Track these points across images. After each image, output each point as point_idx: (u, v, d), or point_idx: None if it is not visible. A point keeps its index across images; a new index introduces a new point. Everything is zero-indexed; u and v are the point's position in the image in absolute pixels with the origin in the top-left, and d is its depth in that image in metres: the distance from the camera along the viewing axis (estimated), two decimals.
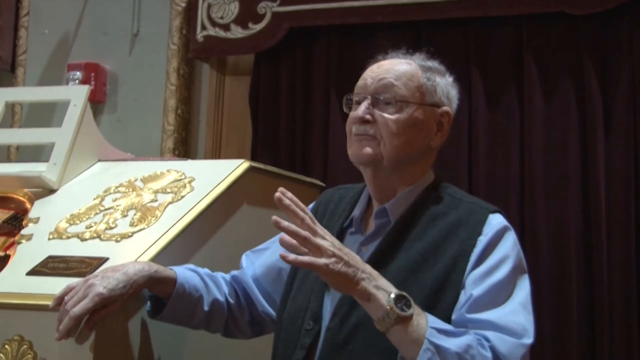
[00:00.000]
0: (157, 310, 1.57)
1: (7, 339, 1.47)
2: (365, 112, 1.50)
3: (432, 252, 1.44)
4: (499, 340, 1.34)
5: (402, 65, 1.55)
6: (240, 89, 3.35)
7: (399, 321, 1.29)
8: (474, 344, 1.31)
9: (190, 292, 1.57)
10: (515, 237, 1.48)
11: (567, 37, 2.83)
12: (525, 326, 1.38)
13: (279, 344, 1.55)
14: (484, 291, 1.39)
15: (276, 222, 1.30)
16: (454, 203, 1.51)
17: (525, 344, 1.37)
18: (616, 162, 2.71)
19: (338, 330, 1.43)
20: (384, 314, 1.29)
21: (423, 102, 1.51)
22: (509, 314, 1.38)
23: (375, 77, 1.53)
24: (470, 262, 1.42)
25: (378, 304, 1.30)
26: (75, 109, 2.09)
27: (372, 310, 1.32)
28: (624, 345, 2.61)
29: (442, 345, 1.29)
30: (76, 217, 1.80)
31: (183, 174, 1.94)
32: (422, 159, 1.55)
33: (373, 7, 3.00)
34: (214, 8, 3.27)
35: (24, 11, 3.66)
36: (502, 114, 2.89)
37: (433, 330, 1.30)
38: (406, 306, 1.30)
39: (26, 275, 1.59)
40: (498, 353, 1.33)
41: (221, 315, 1.64)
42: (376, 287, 1.32)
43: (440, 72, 1.57)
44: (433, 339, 1.29)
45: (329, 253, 1.30)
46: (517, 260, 1.46)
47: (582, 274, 2.70)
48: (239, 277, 1.70)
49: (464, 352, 1.30)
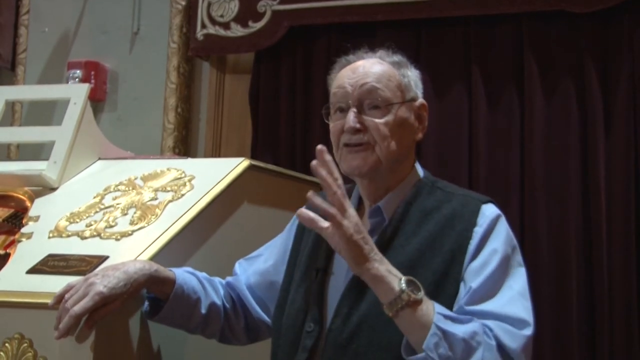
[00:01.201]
0: (154, 312, 1.56)
1: (7, 337, 1.47)
2: (354, 122, 1.48)
3: (429, 247, 1.44)
4: (501, 329, 1.35)
5: (376, 65, 1.54)
6: (241, 87, 3.35)
7: (409, 304, 1.30)
8: (479, 330, 1.33)
9: (188, 294, 1.57)
10: (507, 225, 1.49)
11: (567, 35, 2.82)
12: (524, 315, 1.39)
13: (278, 349, 1.54)
14: (481, 282, 1.39)
15: (310, 197, 1.31)
16: (446, 196, 1.52)
17: (526, 335, 1.38)
18: (616, 160, 2.71)
19: (340, 331, 1.43)
20: (396, 296, 1.30)
21: (404, 100, 1.52)
22: (507, 303, 1.39)
23: (355, 84, 1.51)
24: (468, 254, 1.43)
25: (389, 286, 1.31)
26: (76, 108, 2.08)
27: (382, 292, 1.32)
28: (624, 345, 2.61)
29: (449, 331, 1.30)
30: (76, 216, 1.80)
31: (183, 173, 1.94)
32: (410, 154, 1.56)
33: (373, 5, 3.00)
34: (214, 6, 3.27)
35: (24, 9, 3.66)
36: (503, 112, 2.88)
37: (440, 315, 1.31)
38: (416, 290, 1.32)
39: (26, 273, 1.59)
40: (501, 342, 1.34)
41: (218, 319, 1.64)
42: (388, 270, 1.33)
43: (407, 65, 1.58)
44: (440, 324, 1.30)
45: (352, 220, 1.31)
46: (511, 249, 1.46)
47: (582, 273, 2.70)
48: (233, 284, 1.70)
49: (469, 338, 1.31)
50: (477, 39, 2.93)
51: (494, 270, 1.41)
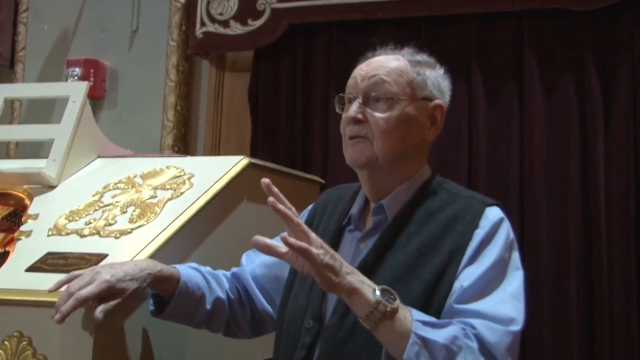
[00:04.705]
0: (159, 309, 1.57)
1: (6, 335, 1.46)
2: (357, 112, 1.49)
3: (430, 247, 1.43)
4: (486, 328, 1.33)
5: (391, 61, 1.53)
6: (240, 85, 3.35)
7: (387, 316, 1.28)
8: (459, 334, 1.31)
9: (193, 290, 1.57)
10: (509, 229, 1.47)
11: (567, 33, 2.82)
12: (513, 314, 1.37)
13: (280, 344, 1.55)
14: (473, 282, 1.38)
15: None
16: (451, 198, 1.51)
17: (512, 330, 1.35)
18: (616, 158, 2.71)
19: (337, 329, 1.42)
20: (372, 308, 1.28)
21: (414, 97, 1.50)
22: (497, 304, 1.37)
23: (365, 75, 1.51)
24: (466, 255, 1.41)
25: (364, 297, 1.29)
26: (75, 105, 2.08)
27: (358, 306, 1.30)
28: (624, 344, 2.60)
29: (428, 338, 1.28)
30: (75, 214, 1.80)
31: (182, 171, 1.94)
32: (417, 154, 1.54)
33: (373, 3, 3.00)
34: (213, 4, 3.27)
35: (23, 7, 3.66)
36: (503, 110, 2.88)
37: (418, 323, 1.30)
38: (391, 299, 1.30)
39: (25, 271, 1.59)
40: (485, 342, 1.32)
41: (223, 313, 1.64)
42: (361, 282, 1.31)
43: (430, 65, 1.56)
44: (419, 331, 1.28)
45: (317, 244, 1.30)
46: (510, 253, 1.45)
47: (581, 271, 2.70)
48: (239, 274, 1.70)
49: (450, 343, 1.29)
50: (477, 36, 2.93)
51: (487, 271, 1.39)
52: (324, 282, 1.31)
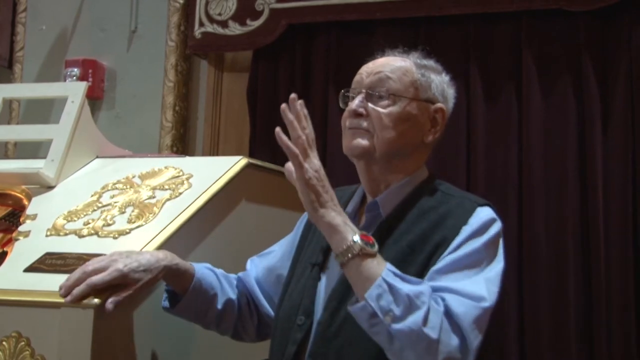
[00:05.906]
0: (171, 305, 1.58)
1: (4, 335, 1.46)
2: (359, 106, 1.51)
3: (420, 244, 1.44)
4: (455, 300, 1.33)
5: (397, 61, 1.56)
6: (239, 85, 3.35)
7: (360, 255, 1.31)
8: (427, 292, 1.31)
9: (206, 289, 1.58)
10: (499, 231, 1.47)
11: (566, 33, 2.83)
12: (483, 293, 1.36)
13: (274, 341, 1.56)
14: (447, 263, 1.38)
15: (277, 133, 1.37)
16: (445, 198, 1.52)
17: (482, 306, 1.35)
18: (614, 158, 2.71)
19: (329, 324, 1.43)
20: (348, 245, 1.32)
21: (417, 97, 1.52)
22: (469, 284, 1.36)
23: (370, 72, 1.54)
24: (450, 247, 1.41)
25: (343, 235, 1.33)
26: (73, 106, 2.08)
27: (335, 242, 1.34)
28: (622, 343, 2.61)
29: (395, 285, 1.29)
30: (74, 214, 1.80)
31: (181, 171, 1.94)
32: (415, 153, 1.55)
33: (372, 3, 3.00)
34: (211, 4, 3.27)
35: (22, 7, 3.66)
36: (501, 110, 2.89)
37: (389, 272, 1.31)
38: (371, 245, 1.33)
39: (23, 272, 1.58)
40: (451, 312, 1.32)
41: (232, 315, 1.65)
42: (344, 222, 1.35)
43: (435, 70, 1.58)
44: (388, 278, 1.30)
45: (313, 164, 1.36)
46: (495, 251, 1.44)
47: (579, 270, 2.70)
48: (244, 279, 1.72)
49: (414, 296, 1.29)
50: (475, 37, 2.93)
51: (464, 256, 1.39)
52: (308, 204, 1.35)
